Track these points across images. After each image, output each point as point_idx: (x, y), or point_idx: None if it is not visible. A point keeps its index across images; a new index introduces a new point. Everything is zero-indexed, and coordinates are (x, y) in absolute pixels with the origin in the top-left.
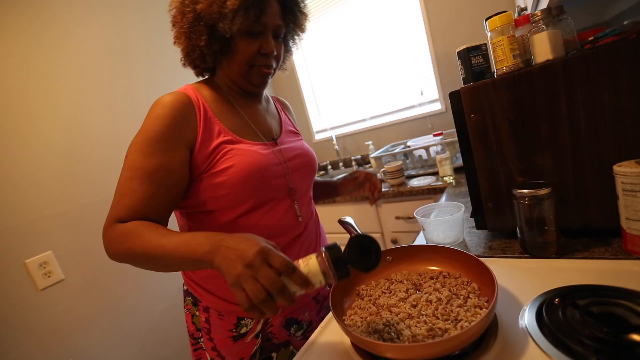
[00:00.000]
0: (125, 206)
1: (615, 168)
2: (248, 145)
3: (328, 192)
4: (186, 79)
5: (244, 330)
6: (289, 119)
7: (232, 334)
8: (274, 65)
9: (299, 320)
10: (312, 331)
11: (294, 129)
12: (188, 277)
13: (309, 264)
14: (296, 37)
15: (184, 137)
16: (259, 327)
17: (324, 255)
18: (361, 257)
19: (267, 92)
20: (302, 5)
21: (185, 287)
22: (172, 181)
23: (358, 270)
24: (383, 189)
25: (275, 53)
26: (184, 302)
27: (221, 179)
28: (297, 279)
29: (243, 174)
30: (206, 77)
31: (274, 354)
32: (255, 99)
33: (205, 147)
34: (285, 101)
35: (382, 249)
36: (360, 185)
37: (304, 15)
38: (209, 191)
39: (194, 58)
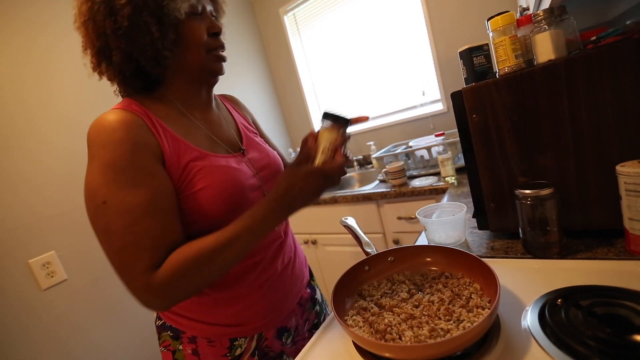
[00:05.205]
0: (152, 248)
1: (618, 168)
2: (219, 160)
3: None
4: None
5: (238, 351)
6: (243, 117)
7: (227, 358)
8: (225, 47)
9: (288, 327)
10: (299, 335)
11: (252, 128)
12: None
13: (320, 135)
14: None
15: (153, 155)
16: (254, 343)
17: (323, 123)
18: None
19: (269, 91)
20: None
21: (159, 322)
22: (174, 202)
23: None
24: (385, 189)
25: (222, 31)
26: (159, 339)
27: (195, 202)
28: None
29: (221, 194)
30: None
31: None
32: (208, 107)
33: (174, 167)
34: (232, 96)
35: (384, 249)
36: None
37: None
38: (184, 216)
39: (141, 62)
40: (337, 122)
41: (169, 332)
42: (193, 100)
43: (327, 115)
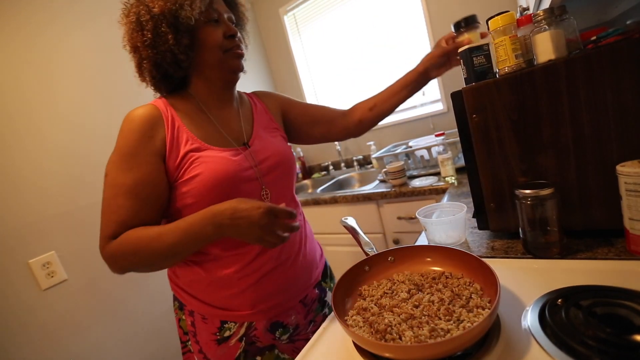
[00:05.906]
0: (116, 222)
1: (619, 168)
2: (216, 152)
3: (404, 91)
4: None
5: (227, 333)
6: (265, 111)
7: (216, 337)
8: (243, 48)
9: (285, 323)
10: (298, 335)
11: (269, 125)
12: (173, 282)
13: (470, 39)
14: (244, 27)
15: (154, 148)
16: (242, 330)
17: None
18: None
19: (269, 90)
20: None
21: (173, 293)
22: (155, 192)
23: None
24: (385, 189)
25: (239, 35)
26: (173, 305)
27: (188, 187)
28: (292, 218)
29: (210, 181)
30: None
31: (258, 358)
32: (228, 104)
33: (173, 156)
34: (261, 91)
35: (384, 249)
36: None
37: (241, 5)
38: (178, 200)
39: (165, 67)
40: (471, 22)
41: (177, 302)
42: (213, 97)
43: (462, 24)
